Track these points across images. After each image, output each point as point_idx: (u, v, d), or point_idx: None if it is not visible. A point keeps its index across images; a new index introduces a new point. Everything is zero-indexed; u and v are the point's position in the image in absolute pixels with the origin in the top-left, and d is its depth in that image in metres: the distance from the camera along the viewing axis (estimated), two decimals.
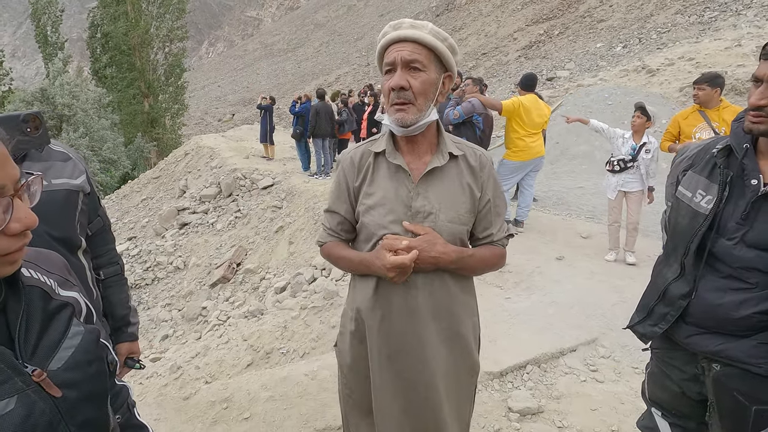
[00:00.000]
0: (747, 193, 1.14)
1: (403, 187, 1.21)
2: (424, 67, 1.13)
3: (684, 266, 1.27)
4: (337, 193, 1.31)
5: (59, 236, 1.21)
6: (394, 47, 1.14)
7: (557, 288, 3.67)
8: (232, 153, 10.58)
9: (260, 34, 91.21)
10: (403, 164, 1.21)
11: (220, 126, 34.02)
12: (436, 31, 1.14)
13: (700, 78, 3.70)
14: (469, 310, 1.32)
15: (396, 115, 1.15)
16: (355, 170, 1.27)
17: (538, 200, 6.75)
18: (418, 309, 1.21)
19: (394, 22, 1.17)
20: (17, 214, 0.56)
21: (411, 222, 1.19)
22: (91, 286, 1.34)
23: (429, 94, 1.16)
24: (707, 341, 1.22)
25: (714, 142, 1.28)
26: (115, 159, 16.16)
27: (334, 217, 1.32)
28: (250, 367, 3.64)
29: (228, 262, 6.60)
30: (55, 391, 0.59)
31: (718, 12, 18.31)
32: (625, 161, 4.14)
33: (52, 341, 0.63)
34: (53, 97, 14.89)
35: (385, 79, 1.17)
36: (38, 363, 0.59)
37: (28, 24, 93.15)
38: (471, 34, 33.71)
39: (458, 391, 1.30)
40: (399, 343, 1.22)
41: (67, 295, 0.70)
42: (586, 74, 16.49)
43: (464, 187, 1.23)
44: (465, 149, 1.27)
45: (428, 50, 1.13)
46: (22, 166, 1.16)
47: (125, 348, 1.50)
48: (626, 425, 2.27)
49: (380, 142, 1.26)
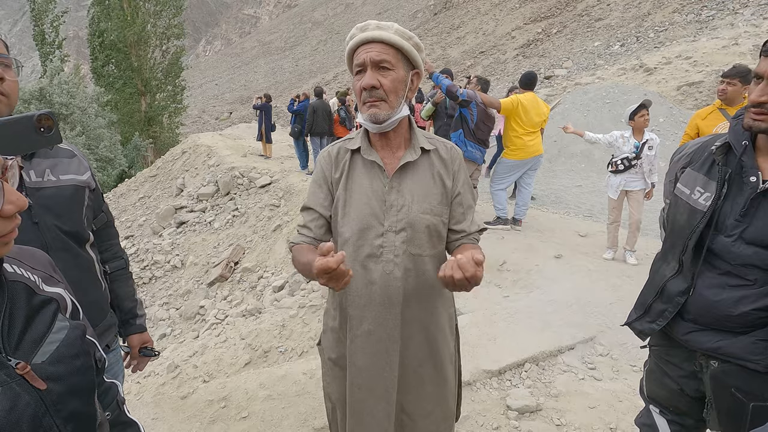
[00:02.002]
0: (746, 190, 1.14)
1: (377, 182, 1.26)
2: (392, 66, 1.18)
3: (682, 263, 1.27)
4: (315, 188, 1.34)
5: (69, 230, 1.24)
6: (362, 48, 1.19)
7: (555, 286, 3.68)
8: (230, 151, 10.55)
9: (258, 32, 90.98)
10: (378, 160, 1.26)
11: (218, 124, 33.93)
12: (402, 31, 1.19)
13: (731, 71, 3.29)
14: (447, 301, 1.37)
15: (369, 111, 1.20)
16: (333, 164, 1.31)
17: (536, 198, 6.77)
18: (396, 298, 1.25)
19: (361, 25, 1.21)
20: (9, 197, 0.56)
21: (385, 215, 1.23)
22: (100, 278, 1.37)
23: (399, 92, 1.21)
24: (705, 338, 1.22)
25: (712, 139, 1.28)
26: (111, 158, 16.09)
27: (310, 213, 1.33)
28: (248, 366, 3.64)
29: (226, 260, 6.58)
30: (39, 383, 0.59)
31: (716, 11, 18.35)
32: (629, 159, 4.05)
33: (37, 335, 0.63)
34: (51, 96, 14.82)
35: (356, 79, 1.22)
36: (22, 357, 0.60)
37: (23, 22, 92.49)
38: (469, 32, 33.70)
39: (437, 377, 1.33)
40: (377, 328, 1.26)
41: (51, 290, 0.70)
42: (583, 73, 16.51)
43: (436, 178, 1.28)
44: (437, 143, 1.32)
45: (395, 50, 1.19)
46: (32, 162, 1.20)
47: (137, 339, 1.55)
48: (624, 423, 2.28)
49: (355, 140, 1.31)
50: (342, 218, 1.28)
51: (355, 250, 1.26)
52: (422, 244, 1.26)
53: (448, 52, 32.80)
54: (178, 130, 24.29)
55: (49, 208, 1.19)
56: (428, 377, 1.32)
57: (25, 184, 1.16)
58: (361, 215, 1.25)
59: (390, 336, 1.26)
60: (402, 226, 1.24)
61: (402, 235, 1.24)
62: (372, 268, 1.24)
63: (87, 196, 1.33)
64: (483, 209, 5.58)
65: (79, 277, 1.25)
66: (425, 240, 1.27)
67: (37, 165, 1.20)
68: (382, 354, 1.26)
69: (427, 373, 1.32)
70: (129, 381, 3.56)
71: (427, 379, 1.32)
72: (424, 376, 1.32)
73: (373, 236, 1.24)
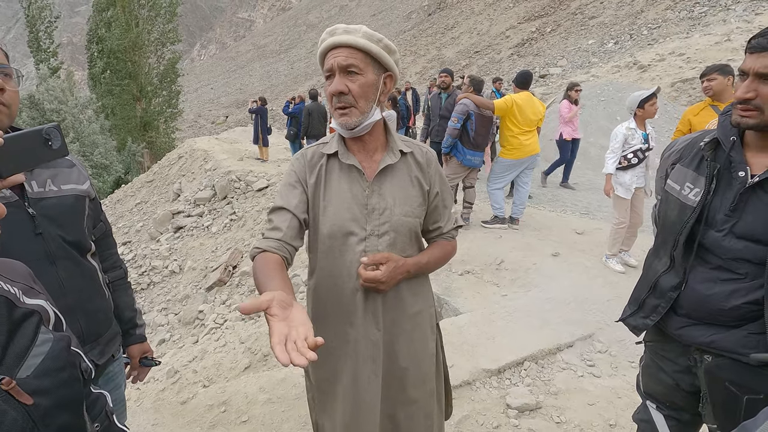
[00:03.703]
0: (734, 185, 1.15)
1: (357, 186, 1.24)
2: (360, 71, 1.16)
3: (673, 258, 1.29)
4: (288, 189, 1.25)
5: (71, 240, 1.24)
6: (331, 53, 1.17)
7: (553, 284, 3.69)
8: (226, 155, 10.55)
9: (252, 35, 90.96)
10: (356, 163, 1.24)
11: (214, 128, 33.89)
12: (370, 34, 1.16)
13: (708, 69, 3.38)
14: (427, 300, 1.39)
15: (340, 119, 1.19)
16: (307, 168, 1.27)
17: (533, 197, 6.78)
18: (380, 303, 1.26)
19: (330, 29, 1.19)
20: None
21: (367, 219, 1.23)
22: (103, 287, 1.37)
23: (369, 96, 1.19)
24: (698, 332, 1.23)
25: (701, 135, 1.30)
26: (107, 164, 16.05)
27: (281, 214, 1.21)
28: (248, 370, 3.63)
29: (224, 265, 6.57)
30: (25, 398, 0.58)
31: (708, 7, 18.46)
32: (642, 151, 3.76)
33: (20, 349, 0.62)
34: (41, 103, 14.77)
35: (327, 84, 1.20)
36: (6, 371, 0.58)
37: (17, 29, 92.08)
38: (463, 32, 33.78)
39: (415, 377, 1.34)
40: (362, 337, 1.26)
41: (32, 302, 0.68)
42: (578, 71, 16.58)
43: (414, 181, 1.28)
44: (412, 146, 1.32)
45: (363, 53, 1.15)
46: (33, 173, 1.20)
47: (137, 349, 1.54)
48: (623, 419, 2.29)
49: (331, 144, 1.28)
50: (321, 225, 1.24)
51: (336, 257, 1.24)
52: (405, 246, 1.27)
53: (443, 52, 32.87)
54: (174, 134, 24.27)
55: (52, 218, 1.19)
56: (409, 378, 1.33)
57: (28, 194, 1.15)
58: (341, 221, 1.22)
59: (375, 343, 1.26)
60: (385, 229, 1.24)
61: (385, 239, 1.24)
62: (354, 275, 1.23)
63: (87, 205, 1.33)
64: (480, 208, 5.59)
65: (82, 286, 1.26)
66: (407, 242, 1.28)
67: (38, 175, 1.20)
68: (368, 362, 1.26)
69: (408, 374, 1.32)
70: (129, 387, 3.55)
71: (408, 381, 1.33)
72: (404, 378, 1.32)
73: (355, 242, 1.23)
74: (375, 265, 1.20)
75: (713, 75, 3.32)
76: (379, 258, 1.20)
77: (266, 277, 1.03)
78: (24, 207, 1.13)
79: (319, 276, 1.29)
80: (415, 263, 1.28)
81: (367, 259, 1.19)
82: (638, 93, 3.81)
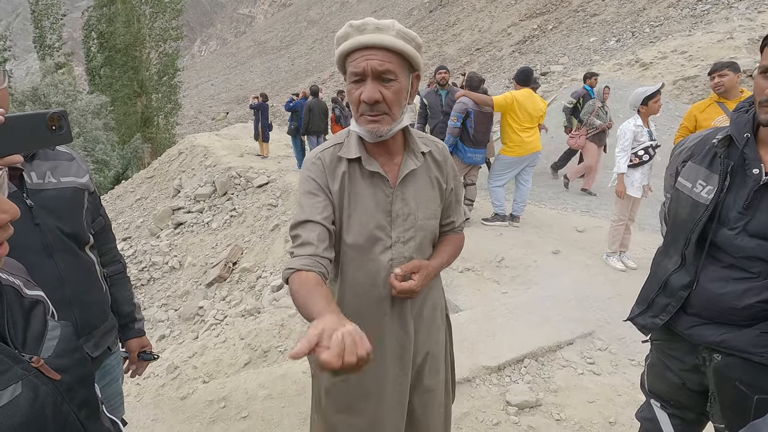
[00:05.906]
0: (748, 183, 1.14)
1: (380, 192, 1.17)
2: (396, 77, 1.06)
3: (685, 257, 1.27)
4: (310, 199, 1.14)
5: (70, 232, 1.24)
6: (361, 54, 1.04)
7: (554, 282, 3.68)
8: (227, 151, 10.53)
9: (253, 31, 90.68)
10: (380, 170, 1.16)
11: (214, 124, 33.84)
12: (404, 33, 1.06)
13: (718, 65, 3.35)
14: (438, 292, 1.38)
15: (369, 126, 1.09)
16: (327, 173, 1.17)
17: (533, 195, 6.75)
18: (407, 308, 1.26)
19: (357, 23, 1.06)
20: (2, 206, 0.57)
21: (392, 226, 1.18)
22: (101, 280, 1.37)
23: (402, 102, 1.11)
24: (709, 332, 1.22)
25: (714, 132, 1.28)
26: (107, 160, 16.04)
27: (309, 227, 1.10)
28: (248, 366, 3.63)
29: (224, 261, 6.56)
30: (53, 375, 0.63)
31: (710, 5, 18.38)
32: (653, 147, 3.69)
33: (37, 333, 0.67)
34: (47, 96, 14.74)
35: (353, 87, 1.08)
36: (30, 352, 0.63)
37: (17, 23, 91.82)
38: (465, 29, 33.67)
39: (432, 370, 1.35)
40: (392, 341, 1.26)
41: (33, 293, 0.73)
42: (579, 68, 16.52)
43: (433, 182, 1.25)
44: (429, 144, 1.27)
45: (398, 56, 1.06)
46: (32, 164, 1.20)
47: (135, 344, 1.55)
48: (623, 417, 2.28)
49: (351, 148, 1.17)
50: (345, 234, 1.18)
51: (361, 266, 1.19)
52: (426, 249, 1.26)
53: (444, 49, 32.77)
54: (174, 130, 24.23)
55: (50, 209, 1.19)
56: (426, 368, 1.33)
57: (27, 185, 1.16)
58: (366, 230, 1.16)
59: (402, 344, 1.25)
60: (410, 235, 1.20)
61: (411, 245, 1.20)
62: (381, 284, 1.19)
63: (86, 198, 1.33)
64: (481, 206, 5.58)
65: (80, 278, 1.26)
66: (428, 245, 1.27)
67: (38, 167, 1.20)
68: (396, 362, 1.26)
69: (426, 364, 1.33)
70: (129, 382, 3.55)
71: (426, 371, 1.34)
72: (422, 368, 1.33)
73: (380, 250, 1.18)
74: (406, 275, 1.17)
75: (725, 71, 3.30)
76: (410, 267, 1.16)
77: (306, 299, 0.96)
78: (22, 198, 1.13)
79: (342, 287, 1.24)
80: (439, 265, 1.26)
81: (400, 270, 1.15)
82: (642, 89, 3.78)
